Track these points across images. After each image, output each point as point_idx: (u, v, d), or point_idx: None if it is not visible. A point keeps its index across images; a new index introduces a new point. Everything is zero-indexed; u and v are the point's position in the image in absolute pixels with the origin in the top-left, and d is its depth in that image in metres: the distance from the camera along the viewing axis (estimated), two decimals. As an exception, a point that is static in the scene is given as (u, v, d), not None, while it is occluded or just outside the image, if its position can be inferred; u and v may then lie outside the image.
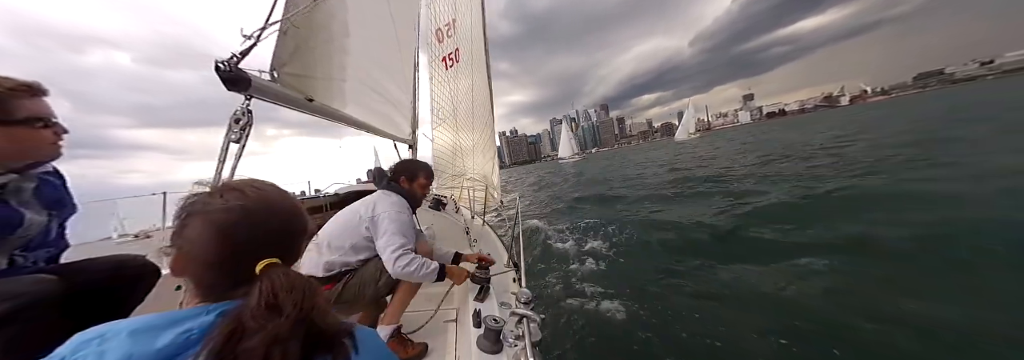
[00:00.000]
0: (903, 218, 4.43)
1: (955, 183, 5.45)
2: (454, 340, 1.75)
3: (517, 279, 1.94)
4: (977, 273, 3.17)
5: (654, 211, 7.54)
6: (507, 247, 2.50)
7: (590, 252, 5.12)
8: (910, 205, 4.85)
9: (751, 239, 4.76)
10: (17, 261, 0.99)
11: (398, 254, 1.45)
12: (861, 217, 4.76)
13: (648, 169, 18.67)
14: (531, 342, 1.06)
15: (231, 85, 1.25)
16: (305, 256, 1.57)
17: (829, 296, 3.11)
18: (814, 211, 5.42)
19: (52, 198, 1.09)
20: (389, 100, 2.58)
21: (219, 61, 1.21)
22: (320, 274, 1.53)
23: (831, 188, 6.33)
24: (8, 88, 0.90)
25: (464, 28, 3.88)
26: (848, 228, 4.38)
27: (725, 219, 5.75)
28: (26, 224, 0.97)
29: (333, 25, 1.77)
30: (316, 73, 1.70)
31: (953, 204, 4.63)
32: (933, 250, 3.56)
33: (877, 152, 9.64)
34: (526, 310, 1.17)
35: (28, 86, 0.93)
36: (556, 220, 8.00)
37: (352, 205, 1.72)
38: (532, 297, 1.35)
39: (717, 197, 7.72)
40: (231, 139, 1.28)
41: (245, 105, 1.30)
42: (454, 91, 3.94)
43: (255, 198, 0.51)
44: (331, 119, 1.97)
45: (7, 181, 0.96)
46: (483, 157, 4.11)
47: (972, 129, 11.03)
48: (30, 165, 1.01)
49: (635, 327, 3.02)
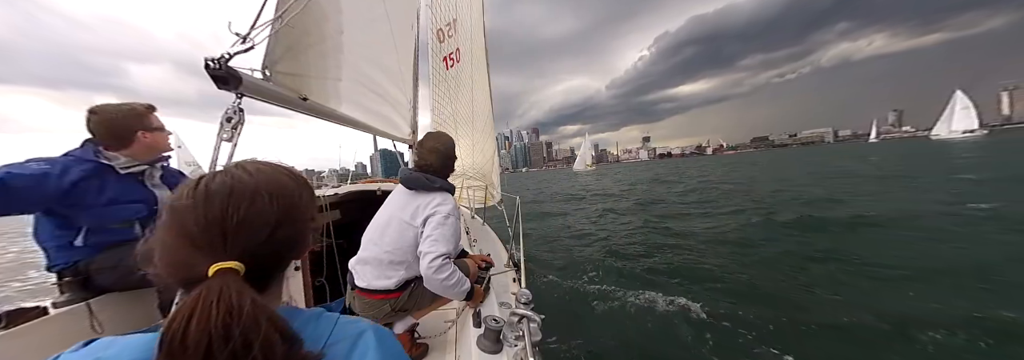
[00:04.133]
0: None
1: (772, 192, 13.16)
2: (454, 340, 1.72)
3: (517, 279, 1.92)
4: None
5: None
6: (507, 247, 2.47)
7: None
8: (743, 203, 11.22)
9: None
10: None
11: (438, 263, 1.32)
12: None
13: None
14: (531, 342, 1.04)
15: (222, 84, 1.23)
16: (363, 270, 1.51)
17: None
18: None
19: (174, 182, 1.64)
20: (387, 100, 2.56)
21: (209, 59, 1.19)
22: (392, 287, 1.45)
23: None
24: (146, 107, 1.48)
25: (465, 28, 3.86)
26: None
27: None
28: (160, 201, 1.48)
29: (327, 23, 1.75)
30: (310, 72, 1.68)
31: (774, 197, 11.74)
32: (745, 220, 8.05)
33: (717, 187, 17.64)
34: (526, 310, 1.15)
35: (152, 106, 1.51)
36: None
37: (391, 211, 1.56)
38: (532, 297, 1.33)
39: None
40: (223, 138, 1.26)
41: (236, 104, 1.27)
42: (454, 91, 3.92)
43: (231, 181, 0.43)
44: (327, 118, 1.95)
45: (143, 169, 1.52)
46: (483, 156, 4.09)
47: (790, 172, 22.63)
48: (156, 159, 1.57)
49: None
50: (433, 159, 1.58)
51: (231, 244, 0.40)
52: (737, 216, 8.57)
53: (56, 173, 1.30)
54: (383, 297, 1.46)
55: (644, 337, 3.28)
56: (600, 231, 8.38)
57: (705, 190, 15.54)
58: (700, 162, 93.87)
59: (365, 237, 1.57)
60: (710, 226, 7.76)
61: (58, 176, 1.30)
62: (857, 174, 16.65)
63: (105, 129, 1.42)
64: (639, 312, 3.73)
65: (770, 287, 4.15)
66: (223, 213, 0.40)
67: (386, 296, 1.46)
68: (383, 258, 1.47)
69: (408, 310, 1.54)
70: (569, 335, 3.28)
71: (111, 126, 1.42)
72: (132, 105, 1.48)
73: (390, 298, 1.47)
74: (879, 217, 6.89)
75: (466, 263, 1.59)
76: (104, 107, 1.44)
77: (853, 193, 10.42)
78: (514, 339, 1.17)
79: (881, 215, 7.02)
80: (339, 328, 0.45)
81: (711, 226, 7.75)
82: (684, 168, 48.92)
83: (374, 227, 1.57)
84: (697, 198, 13.09)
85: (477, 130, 4.03)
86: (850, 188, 11.70)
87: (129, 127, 1.45)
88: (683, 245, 6.31)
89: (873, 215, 7.06)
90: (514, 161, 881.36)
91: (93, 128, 1.42)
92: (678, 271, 4.92)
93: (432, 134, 1.69)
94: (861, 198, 9.51)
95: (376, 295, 1.46)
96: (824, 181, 14.74)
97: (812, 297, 3.84)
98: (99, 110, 1.42)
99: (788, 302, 3.70)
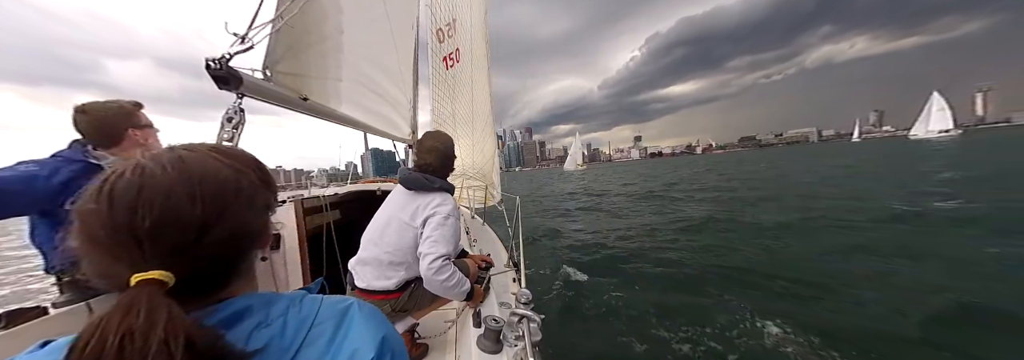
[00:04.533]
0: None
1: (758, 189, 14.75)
2: (454, 340, 1.72)
3: (517, 279, 1.92)
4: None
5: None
6: (507, 247, 2.47)
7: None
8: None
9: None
10: None
11: (439, 264, 1.32)
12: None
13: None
14: (531, 342, 1.04)
15: (222, 84, 1.23)
16: (363, 270, 1.50)
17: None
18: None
19: None
20: (387, 100, 2.56)
21: (210, 59, 1.19)
22: (392, 288, 1.46)
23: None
24: (134, 105, 1.46)
25: (464, 28, 3.87)
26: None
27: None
28: None
29: (327, 23, 1.75)
30: (310, 72, 1.68)
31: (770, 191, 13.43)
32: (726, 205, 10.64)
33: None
34: (526, 310, 1.15)
35: (139, 104, 1.48)
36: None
37: (390, 212, 1.55)
38: (532, 297, 1.33)
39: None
40: (224, 138, 1.27)
41: (237, 104, 1.28)
42: (454, 91, 3.92)
43: (140, 180, 0.36)
44: (327, 118, 1.95)
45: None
46: (483, 156, 4.09)
47: (775, 172, 23.34)
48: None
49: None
50: (432, 159, 1.57)
51: (149, 251, 0.35)
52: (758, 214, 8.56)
53: (44, 175, 1.29)
54: (383, 297, 1.47)
55: (644, 337, 3.28)
56: (600, 231, 8.42)
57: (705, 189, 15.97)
58: (689, 160, 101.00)
59: (365, 237, 1.57)
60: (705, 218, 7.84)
61: (47, 177, 1.29)
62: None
63: (94, 128, 1.41)
64: (640, 312, 3.74)
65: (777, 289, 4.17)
66: (131, 217, 0.34)
67: (386, 296, 1.47)
68: (383, 259, 1.47)
69: (408, 310, 1.54)
70: (569, 335, 3.28)
71: (100, 125, 1.41)
72: (120, 102, 1.46)
73: (390, 299, 1.47)
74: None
75: (466, 263, 1.59)
76: (91, 105, 1.42)
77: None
78: (514, 339, 1.18)
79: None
80: (325, 308, 0.43)
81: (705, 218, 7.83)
82: (676, 166, 52.35)
83: (374, 227, 1.57)
84: (701, 195, 13.36)
85: (477, 130, 4.04)
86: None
87: (118, 125, 1.43)
88: (678, 246, 6.35)
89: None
90: (507, 160, 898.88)
91: (82, 128, 1.41)
92: (672, 273, 4.94)
93: (431, 133, 1.68)
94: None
95: (376, 296, 1.47)
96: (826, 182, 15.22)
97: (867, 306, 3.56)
98: (87, 109, 1.41)
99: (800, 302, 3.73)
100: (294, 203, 2.37)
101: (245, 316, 0.39)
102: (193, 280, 0.37)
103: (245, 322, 0.39)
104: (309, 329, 0.40)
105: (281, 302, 0.42)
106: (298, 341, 0.39)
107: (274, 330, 0.39)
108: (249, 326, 0.38)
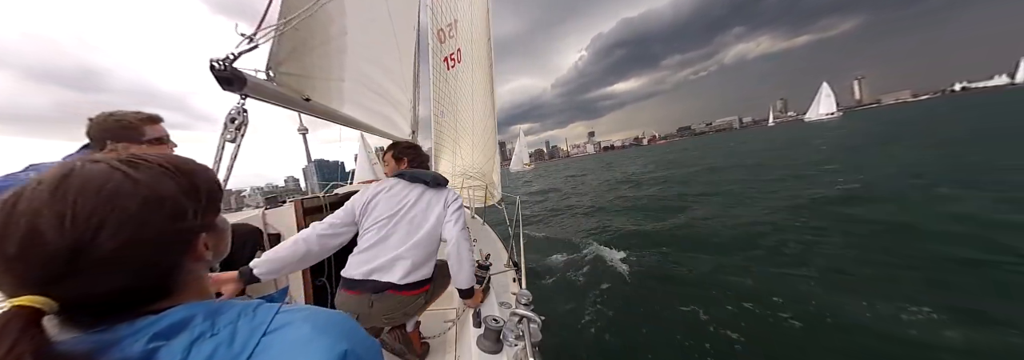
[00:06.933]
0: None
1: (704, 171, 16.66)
2: (454, 340, 1.73)
3: (517, 279, 1.93)
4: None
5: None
6: (507, 247, 2.48)
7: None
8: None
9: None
10: None
11: (466, 234, 1.50)
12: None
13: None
14: (531, 342, 1.04)
15: (226, 85, 1.24)
16: (401, 265, 1.44)
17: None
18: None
19: None
20: (389, 100, 2.57)
21: (214, 60, 1.20)
22: (429, 276, 1.52)
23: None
24: (139, 119, 1.33)
25: (465, 29, 3.87)
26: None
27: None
28: None
29: (332, 25, 1.76)
30: (313, 73, 1.69)
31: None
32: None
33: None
34: (527, 311, 1.16)
35: (150, 117, 1.36)
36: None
37: (420, 207, 1.58)
38: (532, 298, 1.34)
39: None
40: (226, 139, 1.27)
41: (240, 105, 1.28)
42: (455, 91, 3.93)
43: (25, 194, 0.34)
44: (329, 119, 1.95)
45: None
46: (484, 156, 4.10)
47: (711, 159, 24.17)
48: None
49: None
50: (417, 155, 1.74)
51: (21, 279, 0.33)
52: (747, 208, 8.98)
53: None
54: (419, 292, 1.47)
55: (645, 338, 3.30)
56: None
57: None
58: (638, 152, 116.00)
59: (383, 233, 1.48)
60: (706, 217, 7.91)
61: None
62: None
63: (89, 137, 1.36)
64: (640, 313, 3.76)
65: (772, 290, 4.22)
66: (26, 236, 0.32)
67: (421, 290, 1.48)
68: (419, 251, 1.47)
69: (427, 302, 1.57)
70: (569, 335, 3.30)
71: (91, 135, 1.34)
72: (127, 115, 1.38)
73: (424, 291, 1.50)
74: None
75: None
76: (99, 116, 1.37)
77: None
78: (514, 339, 1.18)
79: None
80: (280, 316, 0.40)
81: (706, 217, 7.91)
82: (624, 159, 55.63)
83: (399, 221, 1.51)
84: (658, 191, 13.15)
85: (477, 130, 4.04)
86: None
87: (101, 139, 1.34)
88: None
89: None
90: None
91: (93, 135, 1.37)
92: (670, 271, 4.97)
93: (411, 142, 1.89)
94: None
95: (414, 290, 1.45)
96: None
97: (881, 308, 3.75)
98: (94, 118, 1.37)
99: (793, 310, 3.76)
100: (294, 203, 2.38)
101: (185, 327, 0.36)
102: (94, 299, 0.35)
103: (183, 334, 0.36)
104: (262, 336, 0.37)
105: (232, 310, 0.39)
106: (249, 349, 0.36)
107: (221, 339, 0.36)
108: (188, 338, 0.35)
